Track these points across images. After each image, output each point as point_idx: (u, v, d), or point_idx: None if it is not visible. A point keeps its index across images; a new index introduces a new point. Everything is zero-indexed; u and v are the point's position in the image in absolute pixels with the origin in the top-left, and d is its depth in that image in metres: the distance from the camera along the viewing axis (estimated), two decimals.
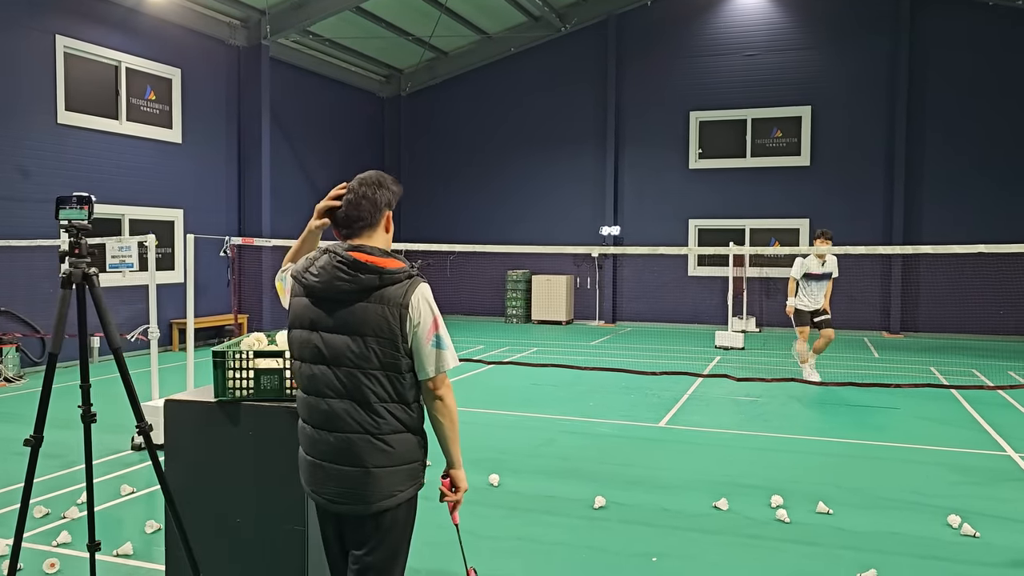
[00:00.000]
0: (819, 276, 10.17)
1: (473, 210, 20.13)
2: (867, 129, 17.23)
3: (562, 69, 19.38)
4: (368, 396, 2.46)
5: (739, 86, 17.99)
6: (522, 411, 8.82)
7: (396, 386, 2.49)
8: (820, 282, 10.20)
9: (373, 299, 2.46)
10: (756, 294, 17.93)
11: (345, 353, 2.46)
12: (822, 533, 4.97)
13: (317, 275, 2.50)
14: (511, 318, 19.23)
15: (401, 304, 2.47)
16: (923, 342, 15.71)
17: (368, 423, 2.47)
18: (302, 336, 2.54)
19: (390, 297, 2.47)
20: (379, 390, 2.47)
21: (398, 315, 2.46)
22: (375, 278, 2.47)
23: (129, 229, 13.04)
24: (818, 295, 10.23)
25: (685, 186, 18.47)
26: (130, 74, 13.06)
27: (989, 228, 15.71)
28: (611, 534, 4.93)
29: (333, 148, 18.53)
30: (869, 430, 7.90)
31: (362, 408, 2.46)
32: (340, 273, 2.47)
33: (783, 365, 12.30)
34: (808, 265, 10.18)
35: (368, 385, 2.46)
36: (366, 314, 2.45)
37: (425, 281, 2.58)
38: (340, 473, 2.49)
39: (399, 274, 2.50)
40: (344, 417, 2.47)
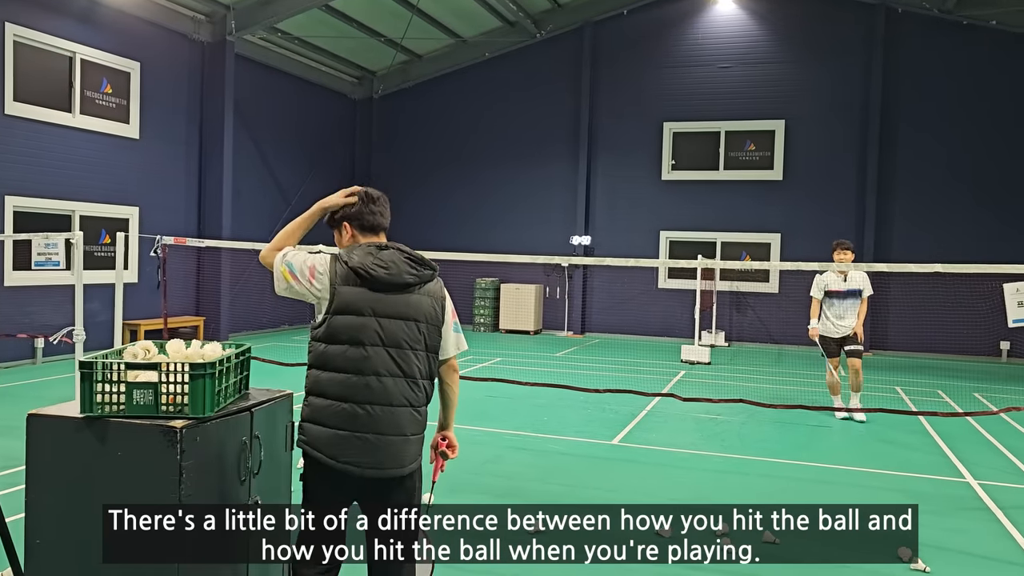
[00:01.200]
0: (843, 294, 8.87)
1: (443, 216, 19.82)
2: (840, 145, 17.13)
3: (536, 76, 19.15)
4: (415, 373, 2.95)
5: (713, 98, 17.85)
6: (473, 424, 8.50)
7: (432, 365, 3.04)
8: (845, 302, 8.87)
9: (423, 291, 3.00)
10: (726, 308, 17.74)
11: (401, 336, 2.92)
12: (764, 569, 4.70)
13: (386, 267, 2.93)
14: (478, 327, 18.92)
15: (442, 296, 3.09)
16: (890, 361, 15.58)
17: (412, 397, 2.94)
18: (356, 321, 2.89)
19: (433, 290, 3.04)
20: (423, 367, 2.98)
21: (440, 306, 3.06)
22: (432, 273, 3.06)
23: (80, 226, 12.61)
24: (845, 318, 8.85)
25: (657, 197, 18.28)
26: (85, 66, 12.66)
27: (960, 247, 15.62)
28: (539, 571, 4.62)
29: (301, 150, 18.16)
30: (827, 452, 7.67)
31: (409, 384, 2.92)
32: (409, 267, 2.97)
33: (747, 382, 12.08)
34: (827, 282, 8.94)
35: (416, 364, 2.95)
36: (420, 303, 2.97)
37: None
38: (383, 442, 2.88)
39: (436, 271, 3.10)
40: (395, 392, 2.89)
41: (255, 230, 16.00)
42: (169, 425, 2.92)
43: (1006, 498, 6.31)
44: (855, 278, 8.87)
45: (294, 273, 2.96)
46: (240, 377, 3.57)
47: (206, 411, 3.04)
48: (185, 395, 3.02)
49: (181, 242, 7.80)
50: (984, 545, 5.27)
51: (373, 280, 2.91)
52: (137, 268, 13.65)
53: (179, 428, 2.91)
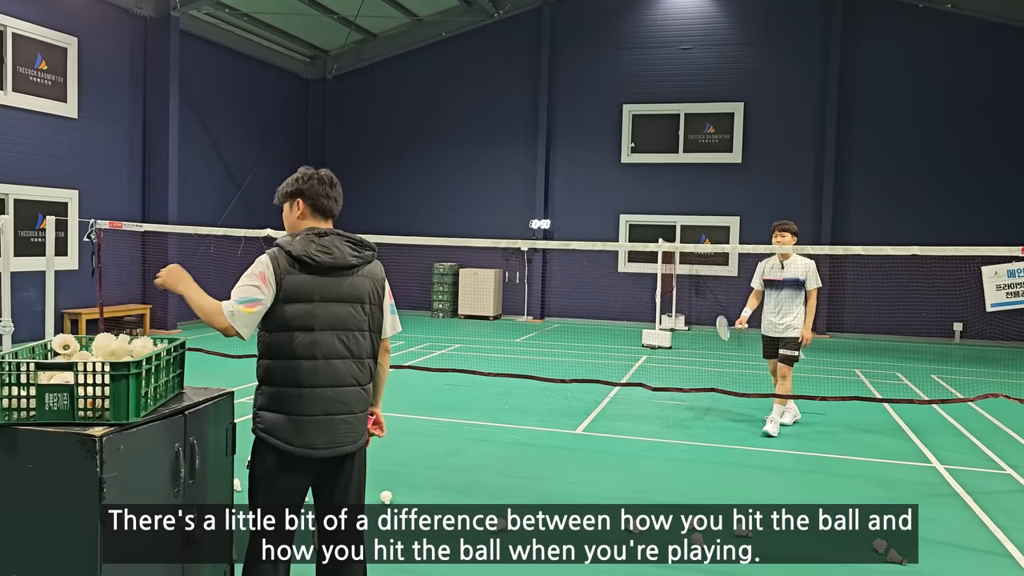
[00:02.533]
0: (779, 284, 7.62)
1: (400, 199, 19.39)
2: (798, 128, 17.11)
3: (494, 57, 18.78)
4: (362, 353, 3.01)
5: (673, 80, 17.68)
6: (431, 415, 8.22)
7: (375, 344, 3.08)
8: (781, 292, 7.59)
9: (364, 273, 3.03)
10: (686, 292, 17.67)
11: (347, 319, 2.96)
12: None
13: (329, 252, 2.95)
14: (437, 312, 18.59)
15: (381, 277, 3.12)
16: (848, 343, 15.66)
17: (360, 376, 3.01)
18: (304, 308, 2.91)
19: (374, 272, 3.08)
20: (368, 347, 3.03)
21: (381, 287, 3.10)
22: (372, 255, 3.09)
23: (14, 210, 11.95)
24: (782, 312, 7.61)
25: (617, 180, 18.09)
26: (17, 40, 11.95)
27: (916, 229, 15.72)
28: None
29: (252, 130, 17.54)
30: (792, 439, 7.55)
31: (356, 364, 2.99)
32: (351, 250, 3.00)
33: (707, 366, 11.98)
34: (763, 269, 7.80)
35: (363, 344, 3.01)
36: (363, 285, 3.01)
37: None
38: (336, 422, 2.95)
39: (376, 253, 3.12)
40: (345, 373, 2.95)
41: (203, 213, 15.45)
42: (87, 433, 2.59)
43: (973, 483, 6.24)
44: (795, 265, 7.55)
45: (252, 301, 2.89)
46: (173, 375, 3.24)
47: (130, 416, 2.72)
48: (106, 399, 2.69)
49: (117, 226, 7.32)
50: (957, 533, 5.17)
51: (317, 266, 2.93)
52: (77, 254, 13.03)
53: (98, 436, 2.58)
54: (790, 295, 7.56)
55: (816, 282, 7.57)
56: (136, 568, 2.74)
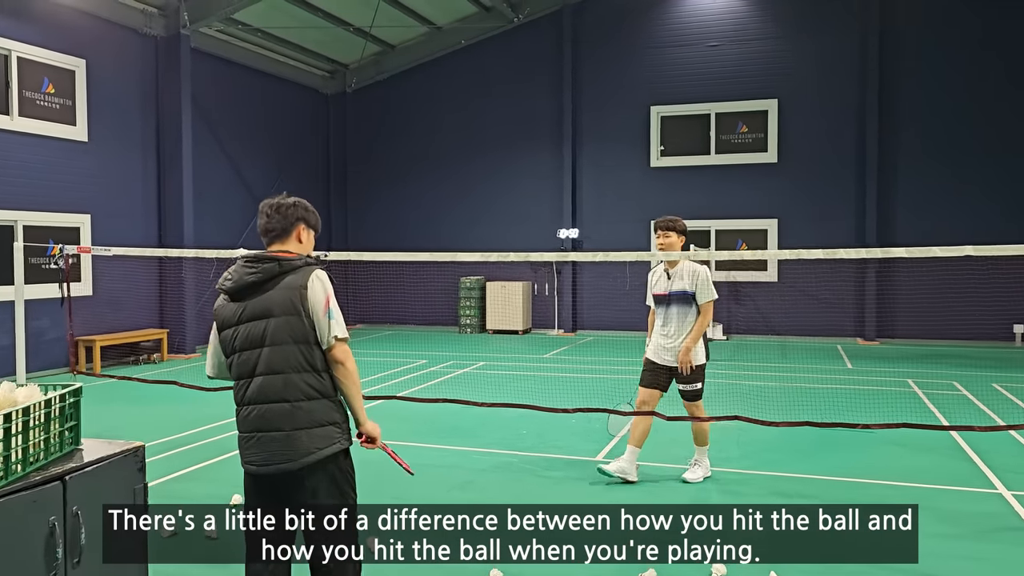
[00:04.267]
0: (665, 300, 6.06)
1: (423, 213, 18.91)
2: (837, 123, 16.23)
3: (516, 63, 18.23)
4: (287, 367, 2.95)
5: (702, 79, 16.94)
6: (441, 443, 7.63)
7: (309, 356, 2.98)
8: (670, 309, 6.03)
9: (281, 286, 3.00)
10: (723, 300, 16.82)
11: (262, 335, 2.97)
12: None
13: (230, 277, 3.08)
14: (464, 328, 18.02)
15: (301, 284, 3.00)
16: (901, 349, 14.70)
17: (287, 392, 2.94)
18: (229, 333, 3.06)
19: (292, 282, 3.00)
20: (297, 361, 2.96)
21: (300, 295, 2.99)
22: (275, 266, 3.02)
23: (24, 236, 11.69)
24: (670, 333, 6.04)
25: (647, 186, 17.38)
26: (23, 64, 11.72)
27: (969, 227, 14.71)
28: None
29: (270, 148, 17.23)
30: (837, 462, 6.77)
31: (281, 380, 2.94)
32: (246, 269, 3.04)
33: (748, 379, 11.21)
34: (651, 281, 6.27)
35: (287, 358, 2.95)
36: (275, 298, 2.98)
37: (322, 268, 3.10)
38: (267, 439, 2.95)
39: (296, 262, 3.05)
40: (269, 390, 2.95)
41: (221, 235, 15.13)
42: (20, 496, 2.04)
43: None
44: (683, 274, 6.00)
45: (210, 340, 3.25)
46: (64, 429, 2.68)
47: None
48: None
49: (85, 251, 6.88)
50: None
51: (228, 293, 3.10)
52: (91, 280, 12.76)
53: None
54: (680, 312, 5.99)
55: (710, 294, 5.97)
56: None
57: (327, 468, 3.02)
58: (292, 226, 3.19)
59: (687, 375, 5.99)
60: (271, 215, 3.18)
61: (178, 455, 7.18)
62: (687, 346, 5.95)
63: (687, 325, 6.00)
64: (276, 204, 3.21)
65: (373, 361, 13.26)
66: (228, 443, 7.63)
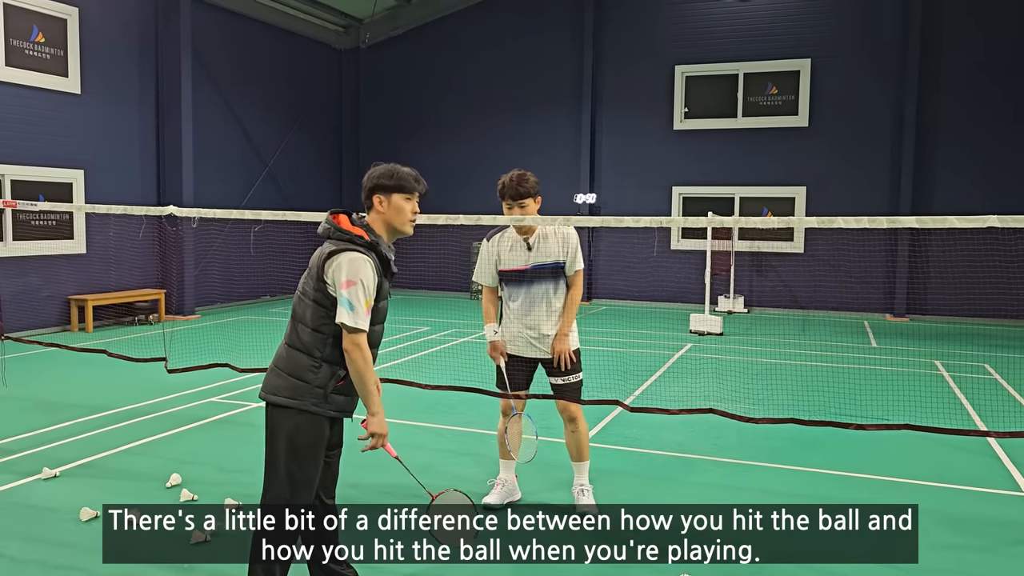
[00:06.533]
0: (522, 276, 4.67)
1: (436, 174, 18.20)
2: (873, 85, 15.23)
3: (535, 19, 17.42)
4: (296, 314, 3.25)
5: (730, 36, 16.00)
6: (419, 419, 7.13)
7: (314, 314, 3.18)
8: (531, 288, 4.65)
9: (324, 245, 3.25)
10: (746, 270, 16.08)
11: (302, 283, 3.29)
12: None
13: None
14: (476, 295, 17.48)
15: (328, 252, 3.18)
16: (930, 327, 13.85)
17: (290, 335, 3.25)
18: None
19: (326, 249, 3.21)
20: (301, 313, 3.23)
21: (322, 262, 3.18)
22: (330, 228, 3.26)
23: (12, 191, 11.34)
24: (532, 315, 4.65)
25: (669, 149, 16.57)
26: (9, 11, 11.26)
27: (1009, 199, 13.74)
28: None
29: (279, 105, 16.70)
30: (847, 456, 6.13)
31: (293, 324, 3.25)
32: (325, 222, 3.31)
33: (761, 356, 10.54)
34: (495, 255, 4.76)
35: (300, 308, 3.24)
36: (316, 255, 3.24)
37: (363, 253, 3.16)
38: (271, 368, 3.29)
39: (344, 235, 3.22)
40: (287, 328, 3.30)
41: (225, 193, 14.71)
42: None
43: None
44: (547, 240, 4.66)
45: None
46: None
47: None
48: None
49: (11, 205, 6.39)
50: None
51: None
52: (85, 237, 12.41)
53: None
54: (548, 290, 4.64)
55: (580, 261, 4.68)
56: None
57: (278, 419, 3.18)
58: (367, 196, 3.36)
59: (573, 367, 4.67)
60: None
61: (123, 428, 6.77)
62: (563, 331, 4.60)
63: (555, 308, 4.64)
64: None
65: None
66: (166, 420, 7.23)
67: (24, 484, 5.36)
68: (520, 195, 4.57)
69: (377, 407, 3.19)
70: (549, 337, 4.65)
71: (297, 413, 3.16)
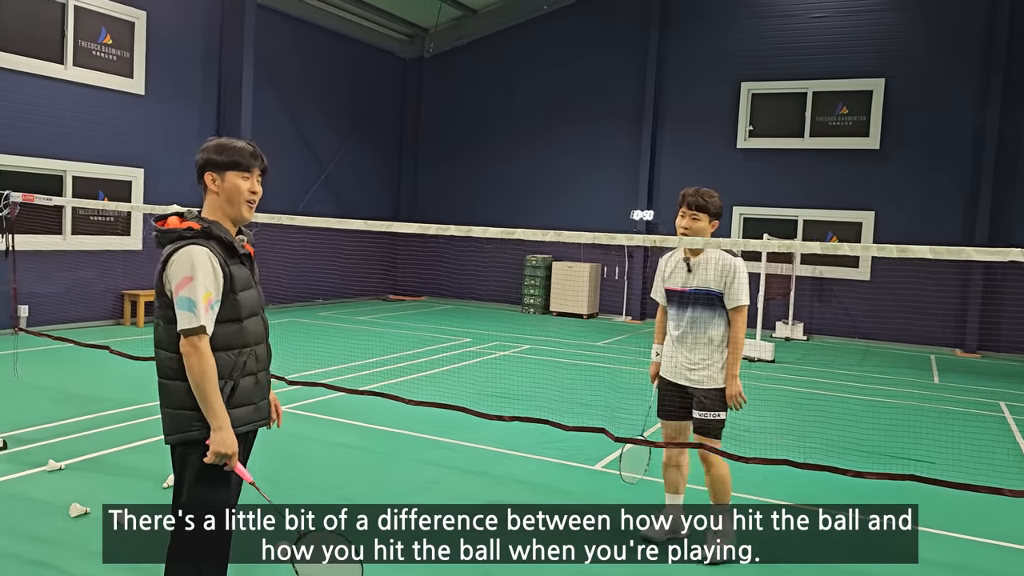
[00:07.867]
0: (682, 297, 4.51)
1: (494, 186, 18.21)
2: (952, 108, 14.45)
3: (599, 32, 17.19)
4: (156, 341, 2.88)
5: (801, 53, 15.44)
6: (429, 432, 6.96)
7: (170, 335, 2.80)
8: (685, 312, 4.49)
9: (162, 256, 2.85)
10: (806, 296, 15.43)
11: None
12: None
13: None
14: (528, 308, 17.29)
15: (164, 259, 2.82)
16: (1003, 365, 13.00)
17: (158, 367, 2.88)
18: None
19: (162, 254, 2.85)
20: (159, 338, 2.86)
21: (161, 270, 2.83)
22: (158, 236, 2.90)
23: (73, 188, 11.70)
24: (687, 342, 4.48)
25: (731, 168, 16.07)
26: (80, 14, 11.66)
27: None
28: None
29: (340, 111, 16.90)
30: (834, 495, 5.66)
31: (155, 352, 2.88)
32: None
33: (811, 387, 10.02)
34: (664, 270, 4.67)
35: (156, 333, 2.88)
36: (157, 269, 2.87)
37: (198, 244, 2.78)
38: None
39: (171, 234, 2.84)
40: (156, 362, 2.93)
41: (284, 199, 14.90)
42: None
43: None
44: (707, 266, 4.45)
45: None
46: None
47: None
48: None
49: (29, 199, 6.49)
50: None
51: None
52: (141, 234, 12.72)
53: None
54: (701, 319, 4.44)
55: (744, 296, 4.41)
56: None
57: (183, 455, 2.88)
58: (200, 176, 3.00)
59: (715, 402, 4.42)
60: None
61: (140, 425, 6.80)
62: (732, 373, 4.38)
63: (709, 338, 4.42)
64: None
65: (413, 335, 12.74)
66: None
67: (27, 475, 5.40)
68: (695, 205, 4.51)
69: (222, 420, 2.76)
70: (698, 369, 4.44)
71: (198, 444, 2.82)
